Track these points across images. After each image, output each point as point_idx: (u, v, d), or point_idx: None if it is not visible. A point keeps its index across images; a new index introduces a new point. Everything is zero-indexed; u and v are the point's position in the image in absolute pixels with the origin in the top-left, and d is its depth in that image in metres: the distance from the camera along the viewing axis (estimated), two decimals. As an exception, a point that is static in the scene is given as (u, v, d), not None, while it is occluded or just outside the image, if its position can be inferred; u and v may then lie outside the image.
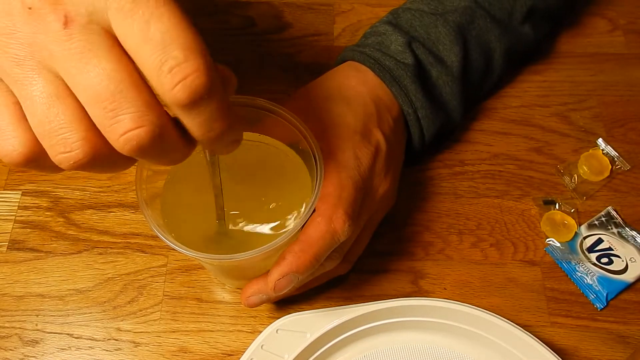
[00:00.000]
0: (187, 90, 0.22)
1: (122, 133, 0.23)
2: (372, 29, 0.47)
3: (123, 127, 0.23)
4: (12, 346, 0.41)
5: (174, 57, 0.22)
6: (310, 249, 0.35)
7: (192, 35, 0.22)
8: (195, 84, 0.22)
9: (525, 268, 0.45)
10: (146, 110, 0.23)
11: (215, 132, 0.24)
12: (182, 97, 0.22)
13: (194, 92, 0.22)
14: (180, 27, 0.22)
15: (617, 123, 0.51)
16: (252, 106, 0.37)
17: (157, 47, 0.22)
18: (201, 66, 0.22)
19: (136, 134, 0.23)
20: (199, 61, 0.22)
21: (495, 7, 0.47)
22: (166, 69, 0.22)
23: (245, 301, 0.39)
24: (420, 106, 0.43)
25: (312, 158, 0.36)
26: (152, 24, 0.22)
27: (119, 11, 0.22)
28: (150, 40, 0.22)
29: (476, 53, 0.46)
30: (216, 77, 0.23)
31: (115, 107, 0.22)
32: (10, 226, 0.46)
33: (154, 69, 0.22)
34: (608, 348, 0.42)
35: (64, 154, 0.23)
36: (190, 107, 0.23)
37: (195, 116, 0.23)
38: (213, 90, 0.23)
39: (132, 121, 0.22)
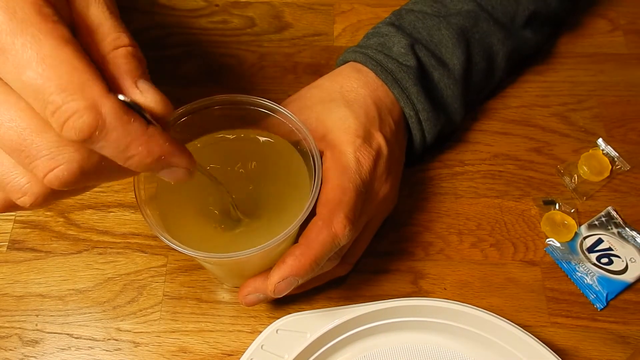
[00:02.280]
0: (73, 131, 0.22)
1: (42, 176, 0.23)
2: (374, 30, 0.46)
3: (40, 171, 0.23)
4: (12, 346, 0.41)
5: (50, 102, 0.21)
6: (310, 253, 0.35)
7: (68, 70, 0.21)
8: (79, 124, 0.21)
9: (525, 268, 0.45)
10: (57, 150, 0.23)
11: (136, 162, 0.24)
12: (74, 138, 0.22)
13: (81, 132, 0.22)
14: (53, 67, 0.21)
15: (617, 123, 0.51)
16: (252, 105, 0.37)
17: (33, 94, 0.21)
18: (80, 105, 0.21)
19: (54, 175, 0.23)
20: (77, 100, 0.21)
21: (498, 10, 0.47)
22: (48, 114, 0.22)
23: (243, 299, 0.39)
24: (422, 109, 0.43)
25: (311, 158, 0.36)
26: (22, 71, 0.21)
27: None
28: (26, 88, 0.21)
29: (478, 56, 0.46)
30: (109, 108, 0.22)
31: (27, 155, 0.23)
32: (10, 226, 0.46)
33: (41, 113, 0.22)
34: (608, 348, 0.42)
35: (21, 198, 0.24)
36: (90, 143, 0.22)
37: (103, 150, 0.23)
38: (107, 123, 0.22)
39: (44, 164, 0.23)
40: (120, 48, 0.25)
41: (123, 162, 0.24)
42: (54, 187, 0.23)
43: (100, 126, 0.22)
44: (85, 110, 0.21)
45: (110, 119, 0.22)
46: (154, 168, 0.25)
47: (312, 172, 0.36)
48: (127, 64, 0.25)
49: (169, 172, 0.26)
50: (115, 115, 0.22)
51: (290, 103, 0.43)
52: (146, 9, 0.56)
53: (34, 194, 0.24)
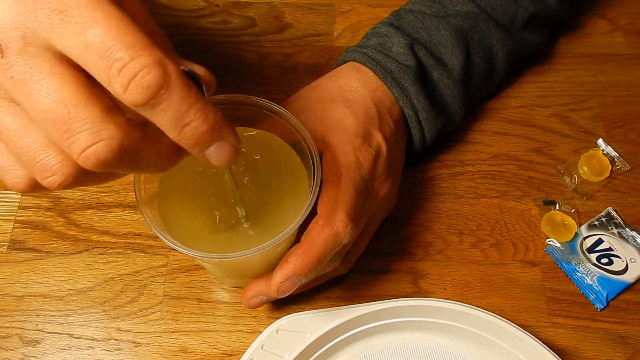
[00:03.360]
0: (140, 88, 0.21)
1: (80, 152, 0.22)
2: (373, 30, 0.47)
3: (79, 146, 0.22)
4: (13, 346, 0.41)
5: (118, 59, 0.21)
6: (313, 252, 0.35)
7: (132, 31, 0.21)
8: (147, 80, 0.21)
9: (525, 268, 0.45)
10: (100, 125, 0.22)
11: (192, 131, 0.23)
12: (137, 98, 0.21)
13: (147, 89, 0.21)
14: (118, 27, 0.21)
15: (617, 123, 0.51)
16: (252, 106, 0.37)
17: (99, 52, 0.21)
18: (149, 60, 0.21)
19: (93, 151, 0.22)
20: (146, 56, 0.21)
21: (497, 12, 0.47)
22: (114, 73, 0.21)
23: (247, 302, 0.39)
24: (422, 108, 0.43)
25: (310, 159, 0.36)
26: (87, 30, 0.21)
27: (52, 26, 0.21)
28: (91, 48, 0.21)
29: (478, 57, 0.46)
30: (174, 69, 0.22)
31: (68, 128, 0.22)
32: (10, 226, 0.46)
33: (103, 75, 0.22)
34: (608, 348, 0.42)
35: (50, 178, 0.24)
36: (151, 106, 0.22)
37: (161, 114, 0.22)
38: (171, 83, 0.22)
39: (86, 139, 0.22)
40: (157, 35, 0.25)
41: (178, 131, 0.23)
42: (89, 166, 0.23)
43: (166, 85, 0.22)
44: (153, 67, 0.21)
45: (174, 78, 0.22)
46: (206, 139, 0.24)
47: (311, 172, 0.36)
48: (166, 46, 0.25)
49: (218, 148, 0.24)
50: (179, 75, 0.22)
51: (290, 104, 0.43)
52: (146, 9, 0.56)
53: (64, 174, 0.23)
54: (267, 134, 0.39)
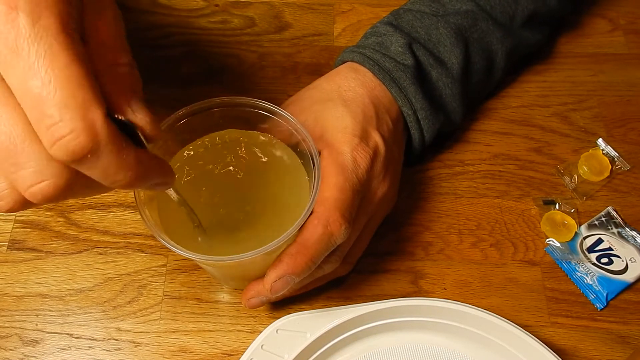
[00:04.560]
0: (64, 150, 0.21)
1: (25, 188, 0.22)
2: (372, 29, 0.47)
3: (24, 182, 0.22)
4: (12, 346, 0.41)
5: (49, 116, 0.21)
6: (306, 252, 0.35)
7: (74, 87, 0.21)
8: (72, 145, 0.21)
9: (525, 268, 0.45)
10: (47, 164, 0.22)
11: (120, 183, 0.23)
12: (61, 156, 0.21)
13: (71, 153, 0.21)
14: (60, 80, 0.21)
15: (617, 123, 0.51)
16: (252, 107, 0.37)
17: (33, 103, 0.21)
18: (78, 125, 0.21)
19: (39, 189, 0.22)
20: (76, 119, 0.21)
21: (497, 10, 0.47)
22: (43, 128, 0.21)
23: (246, 303, 0.39)
24: (420, 107, 0.43)
25: (310, 160, 0.36)
26: (29, 77, 0.21)
27: (5, 61, 0.21)
28: (28, 95, 0.21)
29: (477, 55, 0.46)
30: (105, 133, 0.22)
31: (15, 162, 0.22)
32: (10, 226, 0.46)
33: (34, 124, 0.21)
34: (608, 348, 0.42)
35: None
36: (77, 164, 0.22)
37: (88, 171, 0.23)
38: (100, 148, 0.22)
39: (31, 177, 0.22)
40: (120, 65, 0.25)
41: (108, 184, 0.24)
42: (36, 201, 0.23)
43: (93, 150, 0.22)
44: (82, 131, 0.21)
45: (104, 144, 0.22)
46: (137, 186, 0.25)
47: (311, 173, 0.36)
48: (125, 82, 0.25)
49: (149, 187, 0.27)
50: (109, 141, 0.22)
51: (289, 105, 0.43)
52: (146, 9, 0.57)
53: (11, 201, 0.24)
54: (267, 136, 0.39)
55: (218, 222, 0.37)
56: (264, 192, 0.37)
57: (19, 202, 0.24)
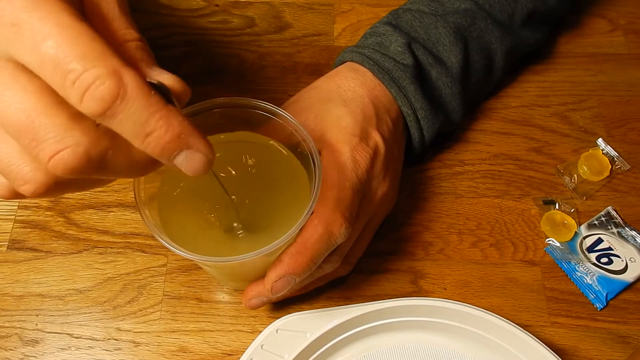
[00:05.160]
0: (94, 100, 0.21)
1: (47, 160, 0.22)
2: (372, 30, 0.47)
3: (45, 154, 0.22)
4: (12, 346, 0.41)
5: (71, 70, 0.21)
6: (306, 252, 0.35)
7: (87, 41, 0.21)
8: (101, 91, 0.21)
9: (525, 268, 0.45)
10: (65, 132, 0.22)
11: (155, 140, 0.23)
12: (93, 109, 0.21)
13: (101, 100, 0.21)
14: (71, 37, 0.21)
15: (617, 123, 0.51)
16: (252, 108, 0.37)
17: (52, 64, 0.21)
18: (102, 71, 0.21)
19: (60, 158, 0.22)
20: (99, 67, 0.21)
21: (496, 9, 0.47)
22: (68, 84, 0.21)
23: (247, 303, 0.39)
24: (420, 107, 0.43)
25: (311, 161, 0.36)
26: (40, 42, 0.21)
27: (8, 39, 0.21)
28: (45, 60, 0.21)
29: (477, 54, 0.46)
30: (131, 78, 0.22)
31: (34, 137, 0.22)
32: (10, 226, 0.46)
33: (59, 87, 0.21)
34: (608, 348, 0.42)
35: (24, 186, 0.24)
36: (108, 116, 0.22)
37: (120, 124, 0.22)
38: (128, 93, 0.21)
39: (51, 147, 0.22)
40: (132, 42, 0.25)
41: (141, 141, 0.23)
42: (58, 173, 0.23)
43: (122, 94, 0.21)
44: (107, 77, 0.21)
45: (132, 88, 0.22)
46: (172, 148, 0.23)
47: (312, 174, 0.36)
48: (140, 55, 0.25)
49: (187, 158, 0.24)
50: (136, 83, 0.22)
51: (289, 106, 0.43)
52: (146, 9, 0.57)
53: (36, 182, 0.24)
54: (266, 137, 0.39)
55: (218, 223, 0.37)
56: (264, 193, 0.37)
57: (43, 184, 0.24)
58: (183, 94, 0.25)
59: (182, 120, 0.23)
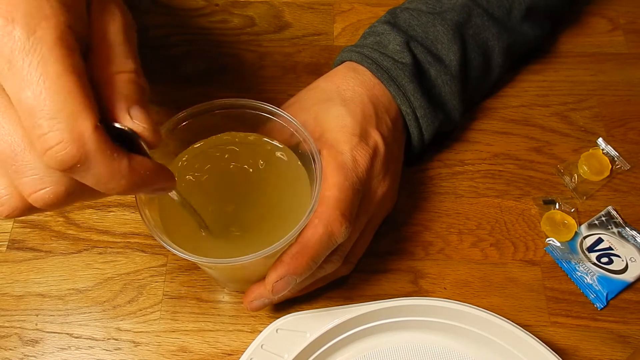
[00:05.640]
0: (54, 160, 0.22)
1: (28, 195, 0.23)
2: (370, 29, 0.47)
3: (26, 190, 0.23)
4: (12, 346, 0.41)
5: (39, 126, 0.21)
6: (307, 251, 0.35)
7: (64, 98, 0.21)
8: (61, 155, 0.22)
9: (525, 268, 0.45)
10: (46, 171, 0.23)
11: (115, 191, 0.24)
12: (53, 166, 0.22)
13: (60, 163, 0.22)
14: (51, 92, 0.21)
15: (617, 123, 0.51)
16: (252, 109, 0.37)
17: (26, 113, 0.21)
18: (65, 136, 0.21)
19: (40, 196, 0.23)
20: (63, 131, 0.21)
21: (493, 5, 0.47)
22: (35, 138, 0.22)
23: (248, 305, 0.39)
24: (419, 106, 0.43)
25: (311, 161, 0.36)
26: (22, 88, 0.21)
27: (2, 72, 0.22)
28: (22, 105, 0.22)
29: (474, 52, 0.46)
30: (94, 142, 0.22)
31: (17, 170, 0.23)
32: (10, 226, 0.46)
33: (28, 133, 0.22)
34: (608, 348, 0.42)
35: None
36: (69, 172, 0.22)
37: (83, 179, 0.23)
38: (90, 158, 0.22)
39: (32, 184, 0.23)
40: (124, 73, 0.25)
41: (104, 191, 0.24)
42: (40, 206, 0.23)
43: (82, 159, 0.22)
44: (69, 142, 0.22)
45: (93, 154, 0.22)
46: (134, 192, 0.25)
47: (312, 174, 0.36)
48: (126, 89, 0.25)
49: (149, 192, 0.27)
50: (98, 150, 0.22)
51: (289, 106, 0.43)
52: (146, 9, 0.56)
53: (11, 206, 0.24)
54: (267, 138, 0.39)
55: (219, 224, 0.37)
56: (264, 193, 0.37)
57: (18, 208, 0.24)
58: (152, 142, 0.25)
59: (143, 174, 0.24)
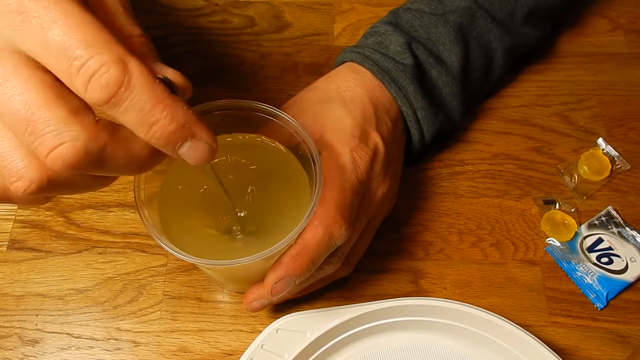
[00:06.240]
0: (99, 86, 0.21)
1: (46, 154, 0.22)
2: (372, 29, 0.46)
3: (44, 148, 0.22)
4: (12, 346, 0.41)
5: (76, 57, 0.21)
6: (306, 253, 0.35)
7: (92, 30, 0.21)
8: (106, 77, 0.21)
9: (526, 268, 0.45)
10: (64, 126, 0.22)
11: (160, 129, 0.23)
12: (98, 96, 0.21)
13: (106, 87, 0.21)
14: (77, 25, 0.21)
15: (617, 123, 0.51)
16: (252, 110, 0.37)
17: (58, 52, 0.21)
18: (107, 58, 0.21)
19: (59, 153, 0.22)
20: (104, 54, 0.21)
21: (496, 7, 0.47)
22: (74, 71, 0.21)
23: (248, 306, 0.39)
24: (420, 107, 0.43)
25: (311, 162, 0.36)
26: (47, 30, 0.21)
27: (14, 28, 0.21)
28: (51, 48, 0.21)
29: (477, 53, 0.46)
30: (135, 66, 0.22)
31: (33, 130, 0.22)
32: (10, 226, 0.46)
33: (64, 74, 0.22)
34: (608, 348, 0.42)
35: (16, 183, 0.23)
36: (113, 104, 0.22)
37: (125, 113, 0.22)
38: (133, 80, 0.22)
39: (50, 141, 0.22)
40: (135, 37, 0.25)
41: (146, 131, 0.23)
42: (56, 167, 0.22)
43: (127, 82, 0.21)
44: (112, 64, 0.21)
45: (136, 76, 0.22)
46: (176, 138, 0.23)
47: (312, 175, 0.36)
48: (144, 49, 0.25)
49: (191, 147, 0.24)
50: (141, 72, 0.22)
51: (289, 107, 0.43)
52: (146, 9, 0.56)
53: (29, 179, 0.23)
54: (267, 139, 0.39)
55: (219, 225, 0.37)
56: (264, 195, 0.37)
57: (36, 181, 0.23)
58: (186, 89, 0.25)
59: (186, 110, 0.23)
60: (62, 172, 0.23)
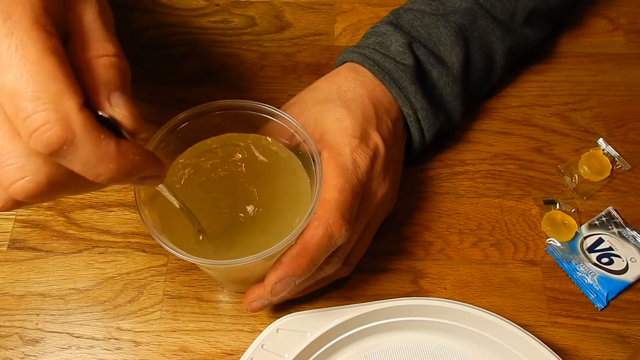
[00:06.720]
0: (40, 142, 0.21)
1: (8, 185, 0.23)
2: (372, 29, 0.46)
3: (7, 180, 0.22)
4: (13, 345, 0.41)
5: (23, 109, 0.21)
6: (306, 253, 0.35)
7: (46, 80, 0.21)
8: (48, 137, 0.21)
9: (526, 268, 0.45)
10: (26, 159, 0.22)
11: (104, 176, 0.23)
12: (40, 149, 0.21)
13: (47, 145, 0.21)
14: (33, 73, 0.21)
15: (617, 123, 0.51)
16: (253, 110, 0.37)
17: (8, 97, 0.21)
18: (51, 116, 0.21)
19: (20, 186, 0.22)
20: (49, 111, 0.21)
21: (497, 8, 0.47)
22: (19, 121, 0.21)
23: (248, 306, 0.39)
24: (420, 107, 0.43)
25: (312, 162, 0.36)
26: (4, 73, 0.21)
27: None
28: (4, 90, 0.21)
29: (477, 54, 0.46)
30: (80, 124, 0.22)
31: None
32: (10, 225, 0.46)
33: (11, 118, 0.22)
34: (608, 348, 0.42)
35: None
36: (56, 156, 0.22)
37: (70, 163, 0.22)
38: (76, 139, 0.22)
39: (12, 174, 0.22)
40: (104, 57, 0.25)
41: (92, 178, 0.23)
42: (19, 199, 0.23)
43: (69, 140, 0.22)
44: (55, 122, 0.21)
45: (80, 135, 0.22)
46: (124, 179, 0.24)
47: (312, 175, 0.36)
48: (106, 74, 0.24)
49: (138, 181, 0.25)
50: (85, 131, 0.22)
51: (290, 107, 0.43)
52: (146, 9, 0.57)
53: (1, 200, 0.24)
54: (267, 139, 0.39)
55: (219, 226, 0.37)
56: (265, 195, 0.37)
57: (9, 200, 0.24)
58: (132, 130, 0.25)
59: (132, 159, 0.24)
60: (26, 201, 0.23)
